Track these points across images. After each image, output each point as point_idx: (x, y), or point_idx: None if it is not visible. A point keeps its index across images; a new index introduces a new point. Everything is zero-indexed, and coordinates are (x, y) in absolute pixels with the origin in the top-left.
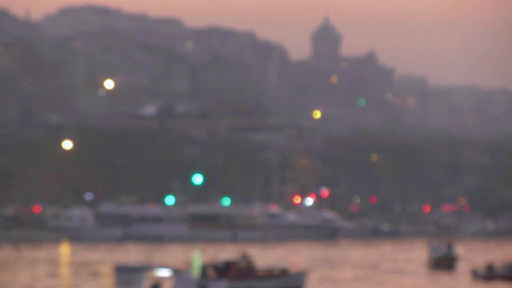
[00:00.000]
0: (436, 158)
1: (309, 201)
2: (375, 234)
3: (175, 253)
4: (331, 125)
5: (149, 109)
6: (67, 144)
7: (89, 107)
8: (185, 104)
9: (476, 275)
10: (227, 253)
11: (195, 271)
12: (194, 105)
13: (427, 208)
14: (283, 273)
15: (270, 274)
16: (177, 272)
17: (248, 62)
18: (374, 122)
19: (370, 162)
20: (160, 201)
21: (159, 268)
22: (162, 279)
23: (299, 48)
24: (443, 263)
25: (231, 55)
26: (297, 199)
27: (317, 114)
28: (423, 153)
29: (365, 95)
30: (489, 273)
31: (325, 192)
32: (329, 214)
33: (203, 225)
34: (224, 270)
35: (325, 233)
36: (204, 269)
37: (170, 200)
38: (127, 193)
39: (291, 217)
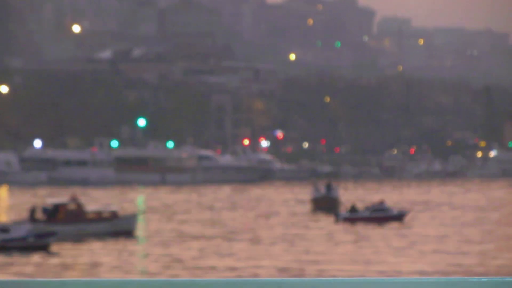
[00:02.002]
0: (392, 100)
1: (264, 143)
2: (313, 176)
3: (98, 197)
4: (293, 67)
5: (106, 53)
6: (3, 89)
7: (55, 52)
8: (147, 48)
9: (338, 217)
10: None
11: None
12: (154, 49)
13: (373, 150)
14: (113, 216)
15: (100, 217)
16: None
17: (222, 5)
18: (347, 64)
19: (325, 104)
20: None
21: None
22: None
23: None
24: (322, 204)
25: None
26: (245, 142)
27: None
28: (379, 95)
29: (342, 38)
30: (351, 215)
31: (280, 134)
32: (265, 156)
33: (131, 169)
34: (53, 212)
35: (257, 175)
36: (33, 211)
37: (114, 144)
38: (74, 137)
39: (225, 159)
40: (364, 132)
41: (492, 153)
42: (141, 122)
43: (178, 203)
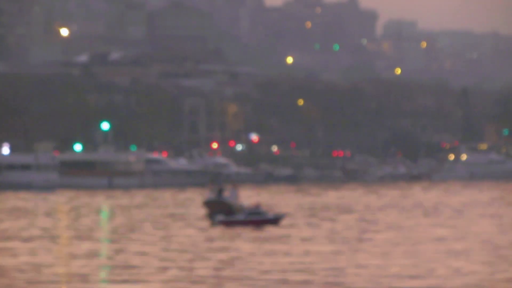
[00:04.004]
0: (368, 103)
1: (239, 146)
2: (271, 180)
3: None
4: (290, 70)
5: (83, 57)
6: None
7: (43, 55)
8: (125, 52)
9: (214, 220)
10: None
11: None
12: (132, 52)
13: (338, 153)
14: None
15: None
16: None
17: (220, 8)
18: (345, 66)
19: (300, 107)
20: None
21: None
22: None
23: None
24: (214, 208)
25: (198, 2)
26: (214, 145)
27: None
28: (355, 98)
29: (340, 40)
30: (227, 219)
31: (255, 138)
32: (221, 160)
33: (77, 172)
34: None
35: (208, 179)
36: None
37: (78, 147)
38: (42, 142)
39: (177, 163)
40: (340, 135)
41: (464, 156)
42: (105, 126)
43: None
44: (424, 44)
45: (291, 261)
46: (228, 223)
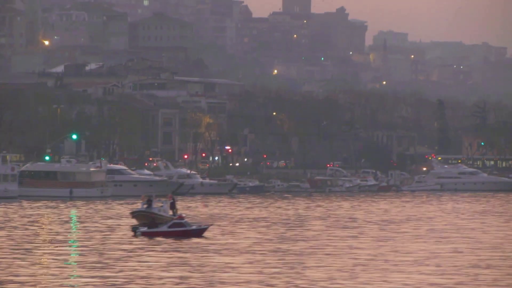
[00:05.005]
0: (343, 114)
1: (216, 158)
2: (237, 191)
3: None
4: (274, 81)
5: (59, 68)
6: None
7: (25, 66)
8: (103, 62)
9: (136, 231)
10: None
11: None
12: (108, 63)
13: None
14: None
15: None
16: None
17: (206, 19)
18: (329, 78)
19: (275, 118)
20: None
21: None
22: None
23: (269, 5)
24: (141, 218)
25: (184, 12)
26: (185, 156)
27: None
28: (330, 109)
29: (327, 52)
30: (149, 230)
31: (229, 149)
32: (185, 170)
33: (38, 183)
34: None
35: (170, 189)
36: None
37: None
38: (14, 152)
39: (140, 173)
40: (314, 146)
41: (434, 168)
42: (74, 137)
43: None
44: (412, 56)
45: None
46: (150, 234)
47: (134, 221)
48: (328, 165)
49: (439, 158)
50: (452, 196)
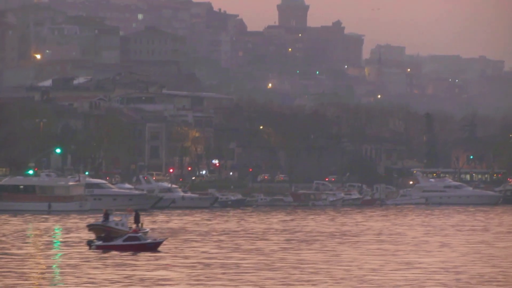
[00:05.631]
0: (331, 128)
1: (203, 171)
2: (218, 205)
3: None
4: (269, 95)
5: (48, 82)
6: None
7: (17, 79)
8: (92, 76)
9: (91, 245)
10: None
11: None
12: (96, 77)
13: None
14: None
15: None
16: None
17: (201, 33)
18: (325, 91)
19: (262, 131)
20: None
21: None
22: None
23: (265, 19)
24: (98, 232)
25: (178, 26)
26: (171, 170)
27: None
28: (318, 123)
29: (322, 66)
30: (104, 244)
31: (216, 163)
32: (167, 184)
33: (16, 197)
34: None
35: (150, 203)
36: None
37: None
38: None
39: (120, 187)
40: (303, 160)
41: (419, 181)
42: (57, 151)
43: None
44: (408, 70)
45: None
46: (105, 248)
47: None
48: (320, 180)
49: (414, 171)
50: (433, 210)
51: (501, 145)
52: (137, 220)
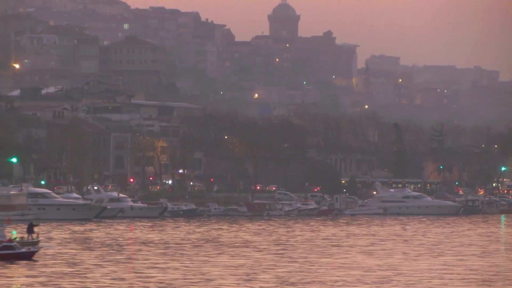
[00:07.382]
0: (295, 138)
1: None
2: (167, 214)
3: None
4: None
5: (16, 92)
6: None
7: None
8: (60, 86)
9: None
10: None
11: None
12: (64, 86)
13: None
14: None
15: None
16: None
17: (188, 43)
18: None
19: (227, 141)
20: None
21: None
22: None
23: (255, 29)
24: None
25: (165, 36)
26: (131, 180)
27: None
28: (283, 133)
29: (309, 76)
30: None
31: (181, 172)
32: (116, 194)
33: None
34: None
35: (94, 213)
36: None
37: None
38: None
39: (66, 197)
40: (269, 170)
41: (377, 192)
42: (14, 160)
43: None
44: (400, 80)
45: None
46: None
47: None
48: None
49: (376, 183)
50: (386, 220)
51: (471, 155)
52: (30, 230)
